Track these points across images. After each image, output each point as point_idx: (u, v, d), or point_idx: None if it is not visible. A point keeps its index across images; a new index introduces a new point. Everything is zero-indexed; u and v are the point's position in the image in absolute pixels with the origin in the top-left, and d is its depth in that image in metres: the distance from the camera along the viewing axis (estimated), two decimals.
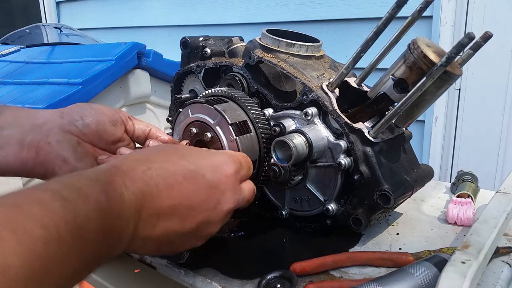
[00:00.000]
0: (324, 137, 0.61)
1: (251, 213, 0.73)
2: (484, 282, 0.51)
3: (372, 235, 0.65)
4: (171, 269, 0.58)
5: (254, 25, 2.26)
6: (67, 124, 0.57)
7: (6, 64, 1.52)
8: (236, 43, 0.76)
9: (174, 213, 0.44)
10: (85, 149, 0.58)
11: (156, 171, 0.44)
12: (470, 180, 0.77)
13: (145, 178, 0.43)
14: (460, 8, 1.76)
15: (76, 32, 2.10)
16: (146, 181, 0.42)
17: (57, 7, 3.36)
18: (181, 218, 0.45)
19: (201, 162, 0.48)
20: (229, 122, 0.61)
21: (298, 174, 0.64)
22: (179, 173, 0.45)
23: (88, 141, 0.59)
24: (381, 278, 0.48)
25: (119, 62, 1.26)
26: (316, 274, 0.55)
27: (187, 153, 0.49)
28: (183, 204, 0.45)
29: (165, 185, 0.44)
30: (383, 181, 0.58)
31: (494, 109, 1.78)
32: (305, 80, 0.62)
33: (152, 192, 0.42)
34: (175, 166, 0.46)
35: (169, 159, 0.46)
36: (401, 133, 0.64)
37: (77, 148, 0.57)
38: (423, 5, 0.53)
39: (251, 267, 0.57)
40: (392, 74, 0.56)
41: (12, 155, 0.54)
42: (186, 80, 0.81)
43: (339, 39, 2.03)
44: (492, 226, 0.50)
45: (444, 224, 0.68)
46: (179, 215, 0.45)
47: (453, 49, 0.49)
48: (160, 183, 0.43)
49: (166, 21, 2.70)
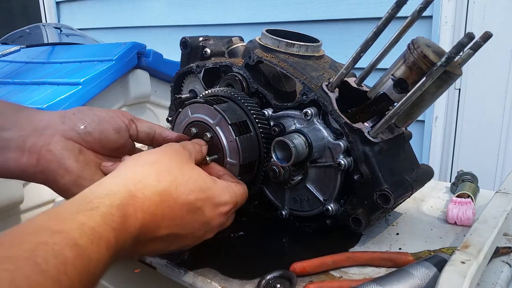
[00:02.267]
0: (324, 137, 0.61)
1: (251, 213, 0.73)
2: (484, 282, 0.51)
3: (372, 235, 0.65)
4: (171, 269, 0.58)
5: (254, 25, 2.26)
6: (69, 130, 0.56)
7: (6, 64, 1.52)
8: (236, 43, 0.76)
9: (166, 239, 0.48)
10: (87, 157, 0.57)
11: (168, 203, 0.47)
12: (470, 180, 0.77)
13: (155, 209, 0.45)
14: (460, 8, 1.76)
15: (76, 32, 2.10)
16: (154, 212, 0.45)
17: (57, 7, 3.36)
18: (169, 243, 0.49)
19: (205, 198, 0.50)
20: (229, 122, 0.61)
21: (298, 174, 0.64)
22: (185, 207, 0.48)
23: (90, 148, 0.58)
24: (381, 278, 0.48)
25: (119, 62, 1.26)
26: (316, 274, 0.55)
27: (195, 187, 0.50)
28: (177, 233, 0.48)
29: (170, 217, 0.47)
30: (383, 181, 0.58)
31: (494, 109, 1.78)
32: (305, 80, 0.62)
33: (155, 222, 0.45)
34: (183, 200, 0.48)
35: (180, 191, 0.48)
36: (401, 133, 0.64)
37: (79, 156, 0.56)
38: (423, 5, 0.53)
39: (251, 267, 0.57)
40: (392, 74, 0.56)
41: (12, 160, 0.53)
42: (186, 80, 0.81)
43: (339, 39, 2.03)
44: (492, 226, 0.50)
45: (444, 224, 0.68)
46: (169, 240, 0.48)
47: (453, 49, 0.49)
48: (166, 215, 0.46)
49: (166, 21, 2.70)
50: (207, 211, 0.51)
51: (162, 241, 0.48)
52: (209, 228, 0.52)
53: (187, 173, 0.50)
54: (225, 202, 0.53)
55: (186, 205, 0.48)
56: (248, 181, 0.66)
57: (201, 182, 0.51)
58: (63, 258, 0.34)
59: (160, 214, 0.46)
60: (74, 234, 0.36)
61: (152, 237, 0.46)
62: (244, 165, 0.62)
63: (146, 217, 0.44)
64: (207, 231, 0.52)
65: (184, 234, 0.49)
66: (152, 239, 0.46)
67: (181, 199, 0.48)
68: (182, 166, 0.51)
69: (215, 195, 0.52)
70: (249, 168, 0.64)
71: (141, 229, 0.43)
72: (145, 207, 0.44)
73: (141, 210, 0.43)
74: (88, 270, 0.35)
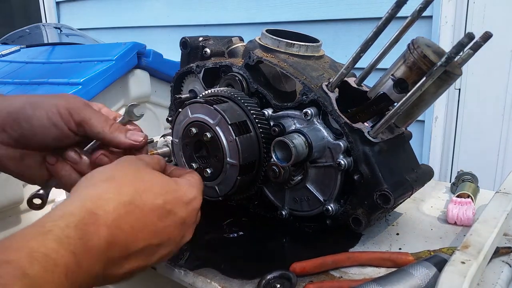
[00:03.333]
0: (324, 137, 0.61)
1: (251, 213, 0.73)
2: (484, 282, 0.51)
3: (372, 235, 0.65)
4: (171, 269, 0.58)
5: (254, 25, 2.26)
6: (6, 138, 0.54)
7: (6, 64, 1.52)
8: (236, 43, 0.76)
9: (143, 253, 0.44)
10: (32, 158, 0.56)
11: (133, 213, 0.43)
12: (470, 180, 0.77)
13: (121, 223, 0.42)
14: (460, 8, 1.76)
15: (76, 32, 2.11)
16: (121, 226, 0.41)
17: (57, 7, 3.36)
18: (148, 255, 0.45)
19: (174, 199, 0.48)
20: (229, 122, 0.61)
21: (298, 174, 0.64)
22: (155, 213, 0.45)
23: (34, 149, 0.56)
24: (381, 278, 0.48)
25: (119, 62, 1.26)
26: (316, 274, 0.55)
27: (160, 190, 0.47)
28: (153, 243, 0.45)
29: (139, 227, 0.43)
30: (383, 181, 0.58)
31: (494, 109, 1.78)
32: (305, 80, 0.62)
33: (125, 236, 0.42)
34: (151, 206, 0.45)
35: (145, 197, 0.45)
36: (401, 133, 0.64)
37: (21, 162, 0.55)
38: (423, 5, 0.53)
39: (251, 267, 0.57)
40: (392, 74, 0.56)
41: None
42: (186, 80, 0.81)
43: (339, 39, 2.03)
44: (492, 226, 0.50)
45: (444, 224, 0.68)
46: (147, 253, 0.44)
47: (453, 49, 0.49)
48: (135, 226, 0.43)
49: (166, 21, 2.70)
50: (180, 211, 0.47)
51: (139, 256, 0.44)
52: (186, 229, 0.49)
53: (148, 179, 0.47)
54: (194, 197, 0.50)
55: (155, 211, 0.45)
56: (248, 181, 0.66)
57: (165, 185, 0.48)
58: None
59: (129, 226, 0.42)
60: (23, 263, 0.32)
61: (127, 254, 0.42)
62: (244, 165, 0.62)
63: (112, 233, 0.40)
64: (185, 233, 0.49)
65: (161, 242, 0.45)
66: (126, 256, 0.42)
67: (148, 206, 0.44)
68: (141, 173, 0.48)
69: (183, 193, 0.49)
70: (249, 168, 0.64)
71: (109, 248, 0.40)
72: (109, 222, 0.40)
73: (104, 227, 0.40)
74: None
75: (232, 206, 0.75)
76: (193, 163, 0.68)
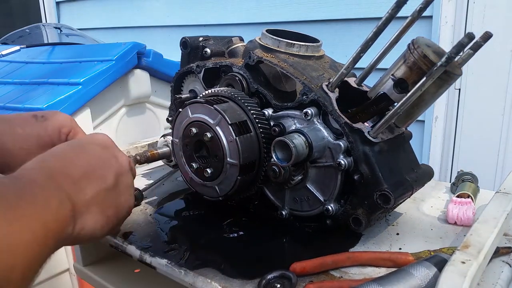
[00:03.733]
0: (324, 137, 0.61)
1: (251, 213, 0.73)
2: (484, 282, 0.51)
3: (372, 235, 0.65)
4: (171, 269, 0.58)
5: (254, 25, 2.26)
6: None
7: (6, 64, 1.52)
8: (236, 43, 0.76)
9: (91, 176, 0.51)
10: None
11: (55, 153, 0.52)
12: (470, 180, 0.77)
13: (48, 160, 0.50)
14: (460, 8, 1.76)
15: (76, 32, 2.10)
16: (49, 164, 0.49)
17: (57, 7, 3.36)
18: (99, 177, 0.52)
19: (89, 141, 0.57)
20: (229, 122, 0.61)
21: (298, 174, 0.64)
22: (74, 151, 0.54)
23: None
24: (381, 278, 0.48)
25: (119, 62, 1.26)
26: (316, 274, 0.55)
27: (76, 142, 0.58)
28: (91, 166, 0.52)
29: (67, 159, 0.51)
30: (383, 181, 0.58)
31: (494, 109, 1.78)
32: (305, 80, 0.62)
33: (60, 166, 0.49)
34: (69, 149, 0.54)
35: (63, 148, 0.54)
36: (401, 133, 0.64)
37: None
38: (423, 5, 0.53)
39: (251, 267, 0.57)
40: (392, 74, 0.56)
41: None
42: (186, 80, 0.81)
43: (339, 39, 2.03)
44: (492, 226, 0.50)
45: (444, 224, 0.68)
46: (95, 175, 0.52)
47: (453, 49, 0.49)
48: (61, 160, 0.51)
49: (166, 21, 2.70)
50: (97, 143, 0.56)
51: (91, 179, 0.51)
52: (113, 151, 0.56)
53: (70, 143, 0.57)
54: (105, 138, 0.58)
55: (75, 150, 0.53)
56: (248, 181, 0.66)
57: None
58: None
59: (57, 160, 0.50)
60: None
61: (75, 178, 0.49)
62: (244, 165, 0.62)
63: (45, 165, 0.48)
64: (115, 155, 0.56)
65: (99, 164, 0.53)
66: (77, 179, 0.49)
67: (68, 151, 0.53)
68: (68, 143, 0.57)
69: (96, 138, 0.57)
70: (249, 168, 0.64)
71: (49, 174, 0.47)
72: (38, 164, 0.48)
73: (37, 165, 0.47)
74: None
75: (232, 206, 0.75)
76: (193, 163, 0.68)
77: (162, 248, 0.62)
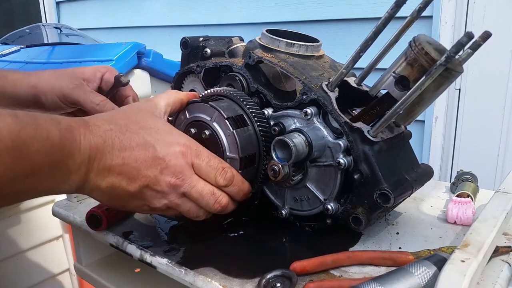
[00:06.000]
0: (324, 136, 0.61)
1: (251, 213, 0.73)
2: (483, 281, 0.51)
3: (372, 234, 0.65)
4: (171, 269, 0.58)
5: (254, 25, 2.27)
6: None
7: (6, 64, 1.52)
8: (236, 43, 0.76)
9: (122, 172, 0.51)
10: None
11: (116, 133, 0.51)
12: (470, 180, 0.77)
13: (105, 136, 0.50)
14: (460, 8, 1.76)
15: (76, 32, 2.10)
16: (105, 139, 0.50)
17: (57, 7, 3.36)
18: (127, 178, 0.51)
19: (157, 136, 0.54)
20: (225, 117, 0.61)
21: (298, 173, 0.64)
22: (135, 140, 0.52)
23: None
24: (381, 277, 0.48)
25: (119, 62, 1.26)
26: (316, 273, 0.55)
27: (151, 125, 0.54)
28: (131, 165, 0.51)
29: (120, 146, 0.51)
30: (383, 180, 0.58)
31: (494, 109, 1.78)
32: (305, 79, 0.62)
33: (106, 149, 0.50)
34: (134, 134, 0.52)
35: (131, 127, 0.53)
36: (401, 132, 0.65)
37: None
38: (423, 4, 0.53)
39: (251, 266, 0.58)
40: (394, 71, 0.56)
41: None
42: (186, 80, 0.81)
43: (339, 39, 2.03)
44: (492, 225, 0.50)
45: (443, 223, 0.68)
46: (126, 174, 0.51)
47: (453, 48, 0.49)
48: (116, 144, 0.50)
49: (166, 21, 2.70)
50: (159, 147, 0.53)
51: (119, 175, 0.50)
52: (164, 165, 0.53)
53: (148, 119, 0.55)
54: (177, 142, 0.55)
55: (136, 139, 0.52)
56: (249, 177, 0.66)
57: (160, 124, 0.56)
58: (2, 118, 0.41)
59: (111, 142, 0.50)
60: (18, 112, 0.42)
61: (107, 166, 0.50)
62: (244, 157, 0.62)
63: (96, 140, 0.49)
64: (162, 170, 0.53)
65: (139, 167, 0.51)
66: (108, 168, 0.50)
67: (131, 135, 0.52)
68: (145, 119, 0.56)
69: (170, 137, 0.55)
70: (250, 162, 0.64)
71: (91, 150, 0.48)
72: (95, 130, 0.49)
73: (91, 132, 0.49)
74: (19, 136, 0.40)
75: None
76: None
77: (163, 247, 0.63)
